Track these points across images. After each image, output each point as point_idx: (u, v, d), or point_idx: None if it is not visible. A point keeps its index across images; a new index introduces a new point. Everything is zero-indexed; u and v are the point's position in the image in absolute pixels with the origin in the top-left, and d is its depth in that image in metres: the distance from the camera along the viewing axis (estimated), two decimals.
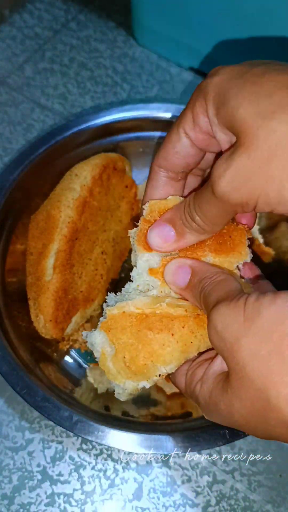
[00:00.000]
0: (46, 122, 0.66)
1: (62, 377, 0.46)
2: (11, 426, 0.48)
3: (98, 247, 0.49)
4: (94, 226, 0.48)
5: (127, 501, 0.46)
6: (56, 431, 0.48)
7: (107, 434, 0.38)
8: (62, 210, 0.44)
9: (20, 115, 0.66)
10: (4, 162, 0.63)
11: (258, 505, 0.46)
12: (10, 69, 0.70)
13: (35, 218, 0.47)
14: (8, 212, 0.48)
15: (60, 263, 0.44)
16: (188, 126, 0.29)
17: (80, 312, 0.47)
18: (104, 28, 0.74)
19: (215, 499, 0.46)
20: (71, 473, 0.47)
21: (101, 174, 0.47)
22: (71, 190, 0.46)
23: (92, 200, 0.47)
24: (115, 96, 0.68)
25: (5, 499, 0.46)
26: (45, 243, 0.44)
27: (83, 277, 0.47)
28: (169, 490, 0.46)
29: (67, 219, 0.44)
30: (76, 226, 0.45)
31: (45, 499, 0.46)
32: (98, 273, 0.49)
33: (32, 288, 0.45)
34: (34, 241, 0.46)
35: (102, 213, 0.48)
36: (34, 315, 0.45)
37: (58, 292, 0.44)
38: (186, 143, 0.30)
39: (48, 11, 0.76)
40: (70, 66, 0.71)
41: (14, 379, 0.40)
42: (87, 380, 0.47)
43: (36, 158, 0.50)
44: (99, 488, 0.46)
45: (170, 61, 0.71)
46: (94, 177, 0.47)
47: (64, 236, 0.44)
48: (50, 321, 0.44)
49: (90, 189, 0.46)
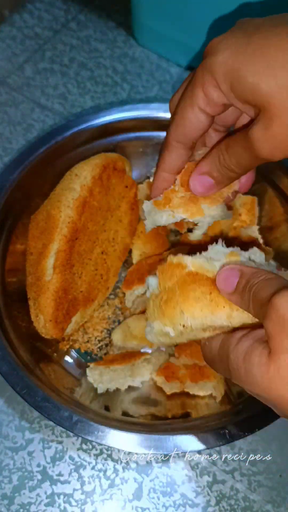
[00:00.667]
0: (46, 122, 0.66)
1: (62, 377, 0.46)
2: (11, 426, 0.48)
3: (98, 247, 0.49)
4: (94, 226, 0.48)
5: (127, 501, 0.46)
6: (56, 431, 0.48)
7: (107, 434, 0.38)
8: (62, 210, 0.44)
9: (20, 115, 0.66)
10: (4, 162, 0.63)
11: (258, 505, 0.46)
12: (10, 69, 0.70)
13: (35, 218, 0.47)
14: (8, 212, 0.48)
15: (60, 263, 0.44)
16: (202, 103, 0.31)
17: (80, 312, 0.47)
18: (104, 28, 0.74)
19: (215, 499, 0.46)
20: (71, 473, 0.47)
21: (101, 174, 0.47)
22: (71, 190, 0.46)
23: (92, 200, 0.47)
24: (115, 96, 0.68)
25: (5, 499, 0.46)
26: (45, 243, 0.44)
27: (83, 277, 0.47)
28: (169, 490, 0.46)
29: (67, 219, 0.44)
30: (76, 226, 0.45)
31: (45, 499, 0.46)
32: (98, 273, 0.49)
33: (32, 288, 0.45)
34: (34, 241, 0.46)
35: (102, 213, 0.48)
36: (34, 315, 0.45)
37: (58, 292, 0.44)
38: (202, 118, 0.32)
39: (48, 11, 0.76)
40: (70, 66, 0.71)
41: (14, 379, 0.40)
42: (87, 380, 0.47)
43: (36, 158, 0.50)
44: (99, 488, 0.46)
45: (170, 61, 0.71)
46: (94, 177, 0.47)
47: (64, 236, 0.44)
48: (50, 321, 0.44)
49: (90, 189, 0.46)
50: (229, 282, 0.31)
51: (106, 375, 0.46)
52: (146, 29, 0.69)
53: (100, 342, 0.51)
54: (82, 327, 0.50)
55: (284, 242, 0.51)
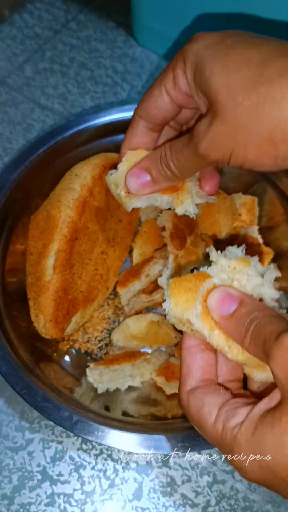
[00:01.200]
0: (46, 122, 0.66)
1: (62, 377, 0.47)
2: (11, 426, 0.48)
3: (98, 247, 0.49)
4: (94, 226, 0.48)
5: (127, 501, 0.46)
6: (56, 431, 0.48)
7: (107, 434, 0.38)
8: (62, 210, 0.44)
9: (20, 115, 0.66)
10: (4, 162, 0.63)
11: (258, 505, 0.46)
12: (10, 69, 0.70)
13: (35, 218, 0.47)
14: (8, 212, 0.48)
15: (60, 263, 0.44)
16: (169, 85, 0.33)
17: (80, 312, 0.47)
18: (104, 28, 0.74)
19: (215, 499, 0.46)
20: (71, 473, 0.47)
21: (101, 174, 0.47)
22: (71, 190, 0.46)
23: (92, 200, 0.47)
24: (115, 96, 0.68)
25: (5, 499, 0.46)
26: (45, 243, 0.44)
27: (83, 277, 0.47)
28: (169, 490, 0.46)
29: (67, 219, 0.44)
30: (76, 226, 0.45)
31: (45, 499, 0.46)
32: (98, 273, 0.49)
33: (32, 288, 0.45)
34: (34, 241, 0.46)
35: (102, 213, 0.48)
36: (34, 315, 0.45)
37: (58, 292, 0.44)
38: (167, 99, 0.33)
39: (48, 11, 0.76)
40: (70, 66, 0.71)
41: (14, 379, 0.40)
42: (87, 380, 0.47)
43: (36, 158, 0.50)
44: (99, 488, 0.46)
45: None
46: (94, 177, 0.47)
47: (64, 236, 0.44)
48: (50, 321, 0.44)
49: (90, 189, 0.46)
50: (226, 305, 0.29)
51: (106, 375, 0.46)
52: (146, 29, 0.69)
53: (100, 342, 0.51)
54: (82, 327, 0.50)
55: (284, 242, 0.51)
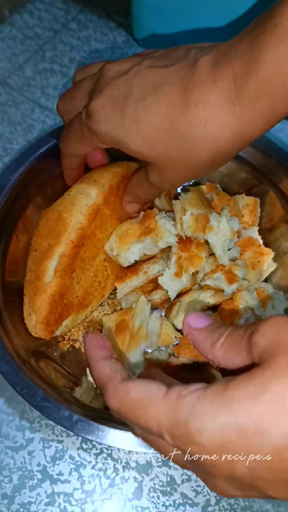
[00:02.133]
0: (46, 122, 0.66)
1: (62, 377, 0.47)
2: (11, 426, 0.48)
3: (101, 254, 0.48)
4: (102, 233, 0.47)
5: (127, 501, 0.46)
6: (56, 430, 0.48)
7: (107, 434, 0.39)
8: (74, 215, 0.43)
9: (20, 115, 0.66)
10: (4, 162, 0.63)
11: (258, 504, 0.46)
12: (10, 69, 0.70)
13: (46, 215, 0.46)
14: (8, 212, 0.48)
15: (62, 268, 0.43)
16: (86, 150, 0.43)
17: (72, 316, 0.47)
18: (104, 29, 0.74)
19: (215, 498, 0.46)
20: (71, 473, 0.47)
21: (119, 184, 0.46)
22: (87, 196, 0.44)
23: (104, 208, 0.46)
24: None
25: (5, 499, 0.46)
26: (51, 244, 0.44)
27: (81, 282, 0.47)
28: (169, 489, 0.46)
29: (77, 224, 0.43)
30: (85, 232, 0.44)
31: (45, 499, 0.46)
32: (97, 280, 0.49)
33: (30, 286, 0.45)
34: (41, 238, 0.45)
35: (112, 221, 0.47)
36: (27, 313, 0.45)
37: (55, 296, 0.43)
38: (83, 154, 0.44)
39: (48, 11, 0.76)
40: (70, 66, 0.71)
41: (14, 379, 0.40)
42: (87, 379, 0.47)
43: (37, 158, 0.50)
44: (99, 487, 0.46)
45: None
46: (112, 185, 0.46)
47: (71, 241, 0.43)
48: (41, 323, 0.44)
49: (105, 197, 0.45)
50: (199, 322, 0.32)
51: None
52: (146, 30, 0.69)
53: None
54: (82, 326, 0.50)
55: (284, 242, 0.51)
